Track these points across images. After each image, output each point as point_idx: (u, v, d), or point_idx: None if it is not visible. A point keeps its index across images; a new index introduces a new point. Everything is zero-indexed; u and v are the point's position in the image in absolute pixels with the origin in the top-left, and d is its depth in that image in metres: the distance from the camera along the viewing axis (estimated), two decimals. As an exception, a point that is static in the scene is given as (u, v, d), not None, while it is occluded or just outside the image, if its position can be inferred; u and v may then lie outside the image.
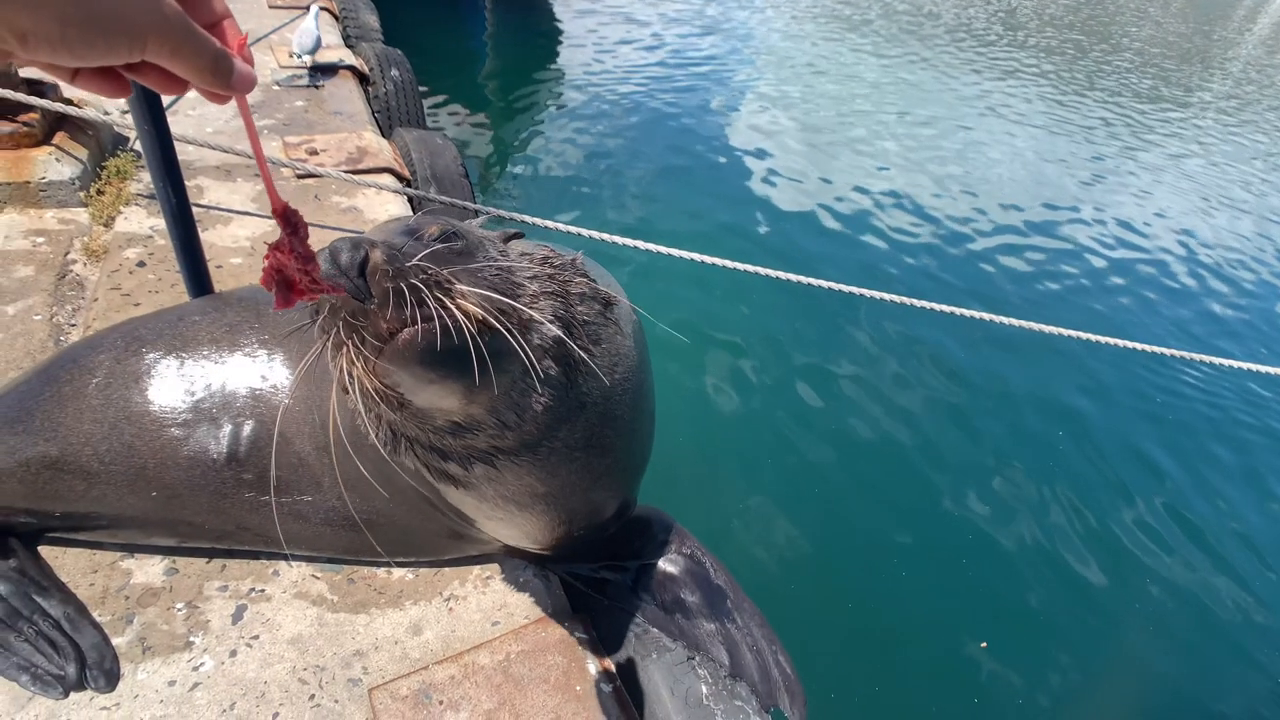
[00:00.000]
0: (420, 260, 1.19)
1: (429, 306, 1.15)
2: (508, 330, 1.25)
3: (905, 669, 3.39)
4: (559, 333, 1.40)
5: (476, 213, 3.21)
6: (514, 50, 11.28)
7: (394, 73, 5.64)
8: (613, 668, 1.83)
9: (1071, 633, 3.68)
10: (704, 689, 1.79)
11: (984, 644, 3.51)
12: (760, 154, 8.52)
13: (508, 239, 1.51)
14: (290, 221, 0.93)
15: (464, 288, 1.22)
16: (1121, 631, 3.76)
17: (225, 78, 0.70)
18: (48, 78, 3.33)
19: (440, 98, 8.73)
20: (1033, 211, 8.15)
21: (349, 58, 5.67)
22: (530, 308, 1.35)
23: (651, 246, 2.72)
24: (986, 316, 2.89)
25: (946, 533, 4.04)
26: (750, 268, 2.79)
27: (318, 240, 3.38)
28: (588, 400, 1.51)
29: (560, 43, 11.61)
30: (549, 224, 2.89)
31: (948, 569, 3.87)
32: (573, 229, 2.82)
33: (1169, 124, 12.17)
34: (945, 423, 4.83)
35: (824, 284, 2.84)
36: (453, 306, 1.18)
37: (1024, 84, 13.08)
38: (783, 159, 8.49)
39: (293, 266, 0.96)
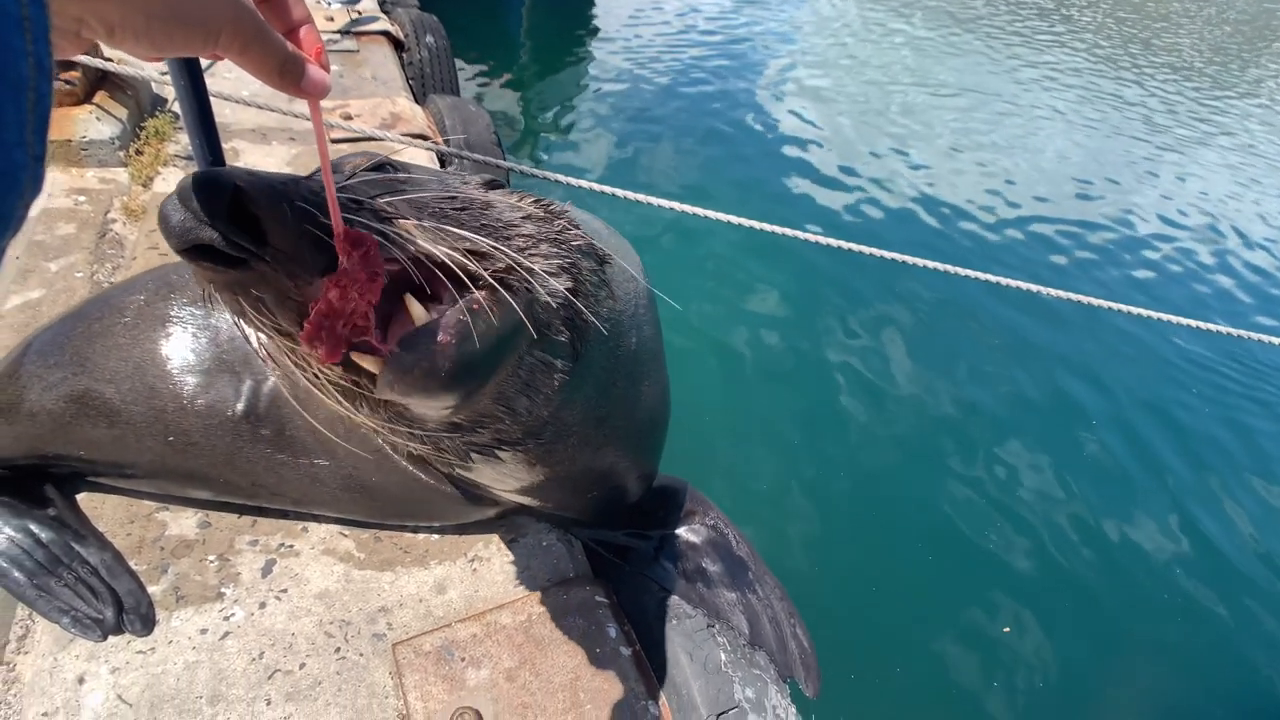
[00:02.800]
0: (348, 187, 0.87)
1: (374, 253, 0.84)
2: (496, 283, 0.96)
3: (925, 651, 3.38)
4: (568, 286, 1.15)
5: (509, 172, 3.19)
6: (550, 18, 11.17)
7: (429, 39, 5.62)
8: (633, 632, 1.84)
9: (1098, 620, 3.63)
10: (723, 656, 1.79)
11: (1006, 629, 3.48)
12: (798, 125, 8.40)
13: (486, 185, 1.18)
14: (360, 245, 0.78)
15: (418, 223, 0.90)
16: (1148, 620, 3.70)
17: (294, 80, 0.72)
18: (89, 38, 3.37)
19: (475, 65, 8.69)
20: (1080, 187, 7.96)
21: (385, 23, 5.66)
22: (528, 256, 1.06)
23: (688, 208, 2.70)
24: (1028, 287, 2.82)
25: (973, 515, 4.00)
26: (788, 230, 2.76)
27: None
28: (589, 373, 1.35)
29: (596, 11, 11.47)
30: (583, 184, 2.87)
31: (972, 552, 3.83)
32: (608, 189, 2.80)
33: (1224, 105, 11.72)
34: (979, 401, 4.76)
35: (861, 249, 2.79)
36: (414, 248, 0.88)
37: (1072, 57, 12.67)
38: (821, 129, 8.37)
39: (347, 309, 0.78)
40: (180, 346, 1.73)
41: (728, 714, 1.72)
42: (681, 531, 2.05)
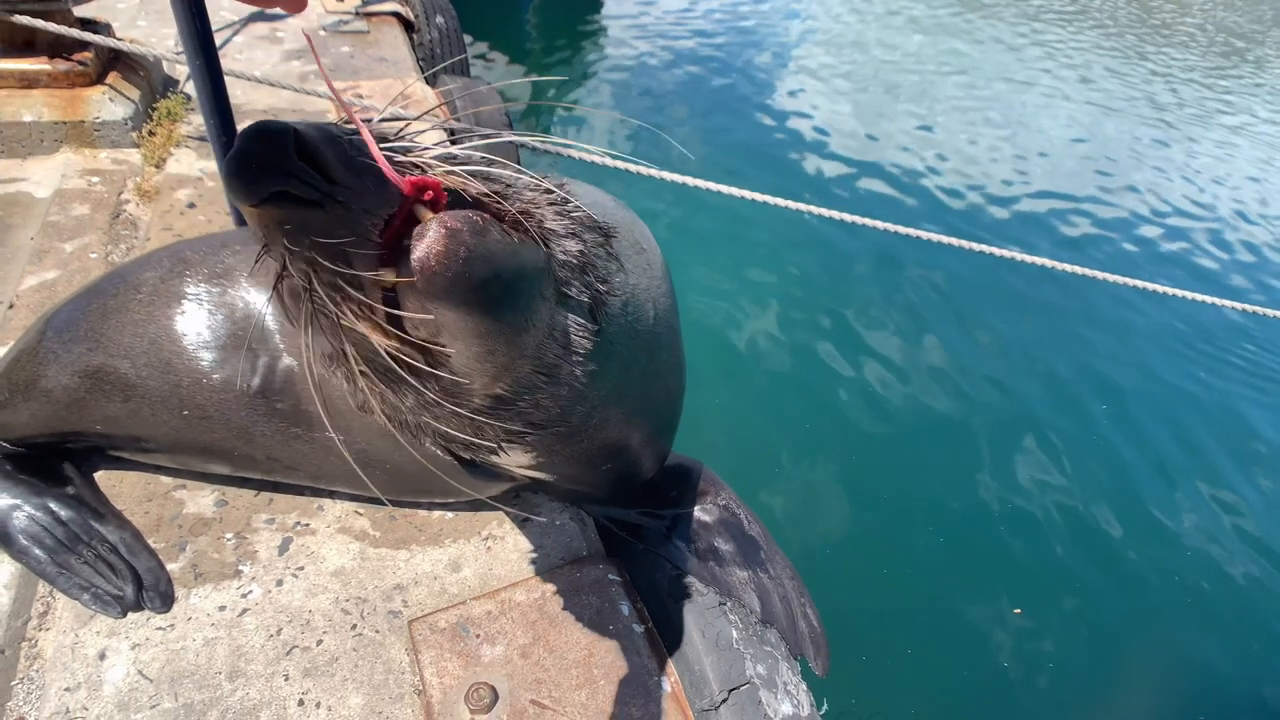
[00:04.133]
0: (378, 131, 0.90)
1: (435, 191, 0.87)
2: (528, 229, 0.98)
3: (935, 632, 3.38)
4: (583, 246, 1.15)
5: (518, 148, 3.20)
6: (559, 3, 11.11)
7: (439, 20, 5.58)
8: (645, 610, 1.85)
9: (1109, 603, 3.62)
10: (734, 633, 1.80)
11: (1017, 610, 3.47)
12: (806, 101, 8.35)
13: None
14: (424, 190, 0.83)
15: (464, 167, 0.92)
16: (1159, 603, 3.68)
17: None
18: (101, 17, 3.37)
19: (485, 46, 8.65)
20: (1088, 165, 7.88)
21: (395, 3, 5.63)
22: (542, 216, 1.06)
23: (699, 183, 2.69)
24: (1041, 261, 2.79)
25: (985, 497, 3.99)
26: (798, 205, 2.74)
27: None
28: (611, 347, 1.34)
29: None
30: (594, 158, 2.87)
31: (983, 534, 3.82)
32: (620, 164, 2.79)
33: (1232, 84, 11.51)
34: (989, 381, 4.73)
35: (871, 222, 2.77)
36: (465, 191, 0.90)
37: (1077, 36, 12.45)
38: (829, 106, 8.33)
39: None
40: (195, 322, 1.73)
41: (739, 690, 1.73)
42: (694, 511, 2.05)
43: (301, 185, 0.79)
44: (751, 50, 9.68)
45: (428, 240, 0.86)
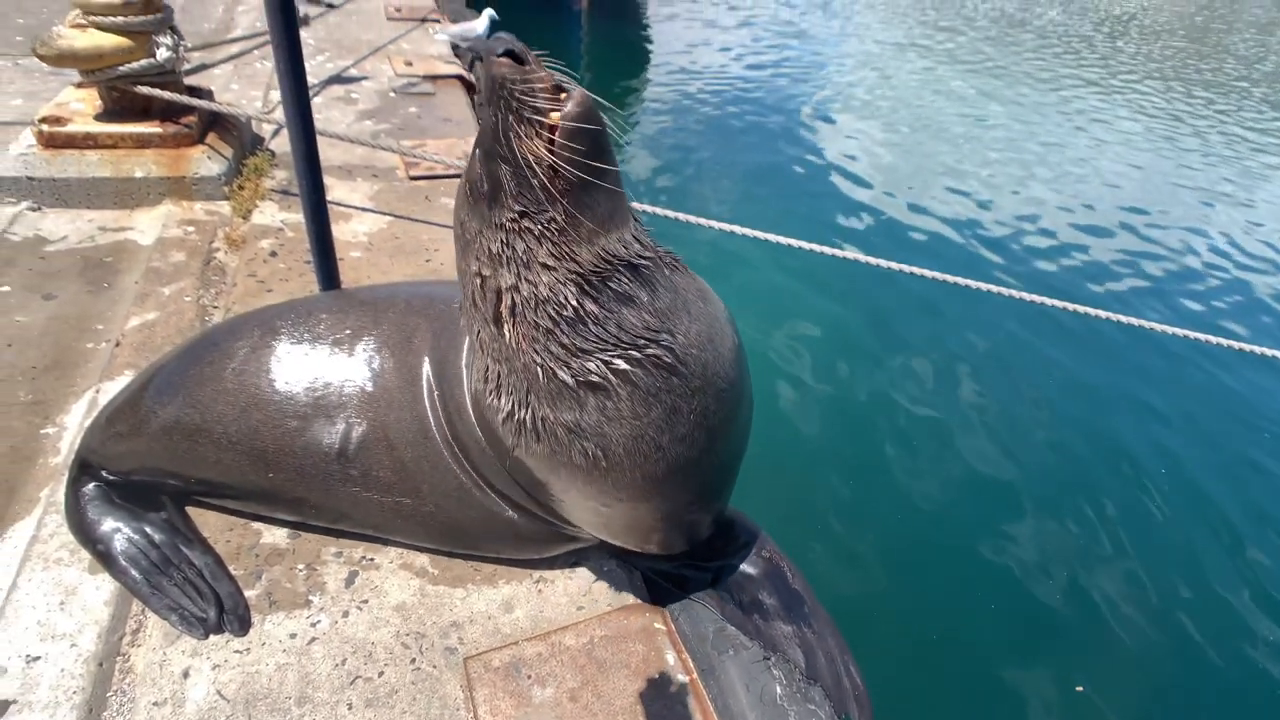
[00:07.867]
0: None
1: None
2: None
3: (988, 703, 3.27)
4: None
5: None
6: (607, 54, 11.70)
7: (501, 81, 5.90)
8: (690, 660, 1.91)
9: (1182, 684, 3.44)
10: (779, 689, 1.84)
11: (1080, 688, 3.34)
12: (845, 151, 8.66)
13: None
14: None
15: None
16: (1240, 690, 3.48)
17: None
18: (203, 84, 3.70)
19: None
20: (1129, 214, 7.90)
21: (458, 66, 5.98)
22: None
23: (746, 231, 2.85)
24: (1090, 311, 2.83)
25: (1041, 562, 3.87)
26: (831, 250, 2.88)
27: (423, 239, 3.55)
28: (694, 379, 1.55)
29: (651, 46, 11.99)
30: (651, 209, 3.05)
31: (1041, 601, 3.69)
32: (669, 213, 2.96)
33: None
34: (1044, 438, 4.64)
35: (905, 268, 2.86)
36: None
37: (1121, 90, 12.45)
38: (867, 157, 8.62)
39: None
40: (281, 392, 1.89)
41: (782, 746, 1.77)
42: (738, 563, 2.11)
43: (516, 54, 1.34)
44: (786, 103, 10.04)
45: (578, 91, 1.36)
